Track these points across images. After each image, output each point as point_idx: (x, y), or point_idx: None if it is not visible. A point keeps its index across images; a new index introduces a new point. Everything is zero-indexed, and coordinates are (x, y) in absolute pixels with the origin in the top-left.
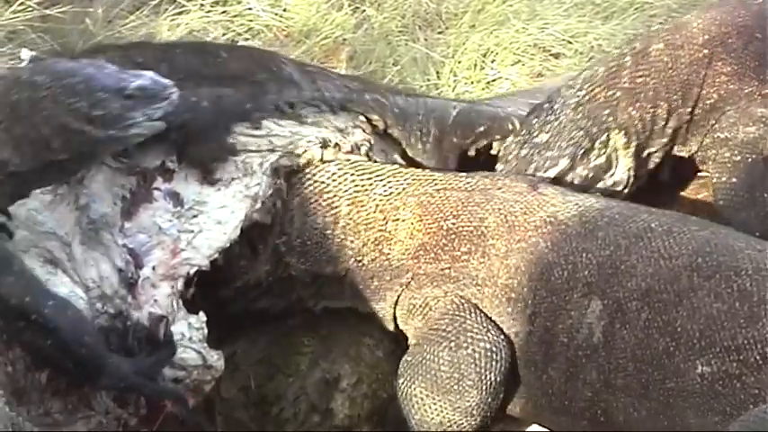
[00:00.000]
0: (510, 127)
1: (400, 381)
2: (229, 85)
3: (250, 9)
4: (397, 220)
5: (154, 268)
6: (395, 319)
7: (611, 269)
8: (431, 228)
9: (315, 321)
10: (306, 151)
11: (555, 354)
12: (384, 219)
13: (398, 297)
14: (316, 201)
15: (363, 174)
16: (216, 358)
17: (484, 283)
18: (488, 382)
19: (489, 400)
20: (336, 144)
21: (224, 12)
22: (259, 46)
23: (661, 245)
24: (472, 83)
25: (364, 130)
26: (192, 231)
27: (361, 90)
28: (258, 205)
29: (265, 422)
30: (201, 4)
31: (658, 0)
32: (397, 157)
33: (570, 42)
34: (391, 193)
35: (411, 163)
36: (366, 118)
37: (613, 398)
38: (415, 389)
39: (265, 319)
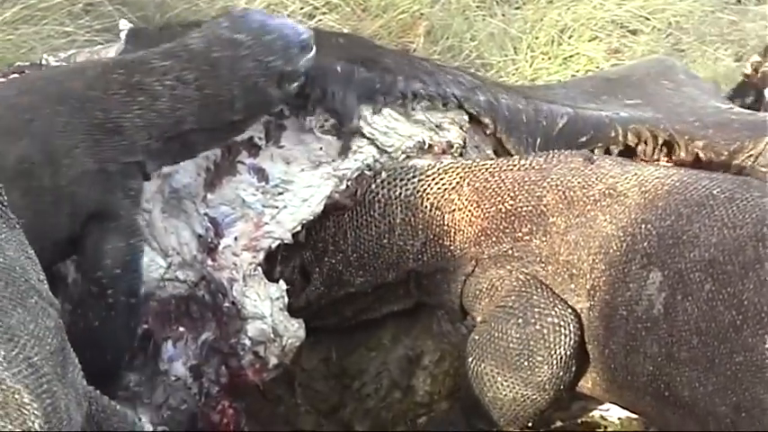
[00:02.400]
0: (613, 134)
1: (469, 360)
2: (359, 64)
3: None
4: (454, 211)
5: (236, 239)
6: (462, 308)
7: (671, 239)
8: (489, 212)
9: None
10: (406, 157)
11: (615, 327)
12: (441, 214)
13: (463, 286)
14: (367, 212)
15: (414, 176)
16: (296, 327)
17: (547, 260)
18: (559, 357)
19: (561, 373)
20: (430, 146)
21: None
22: (336, 20)
23: (724, 213)
24: (549, 58)
25: (461, 127)
26: (277, 207)
27: (474, 87)
28: (343, 186)
29: (345, 395)
30: None
31: None
32: (489, 152)
33: (648, 19)
34: (446, 189)
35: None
36: (475, 118)
37: (677, 371)
38: (485, 367)
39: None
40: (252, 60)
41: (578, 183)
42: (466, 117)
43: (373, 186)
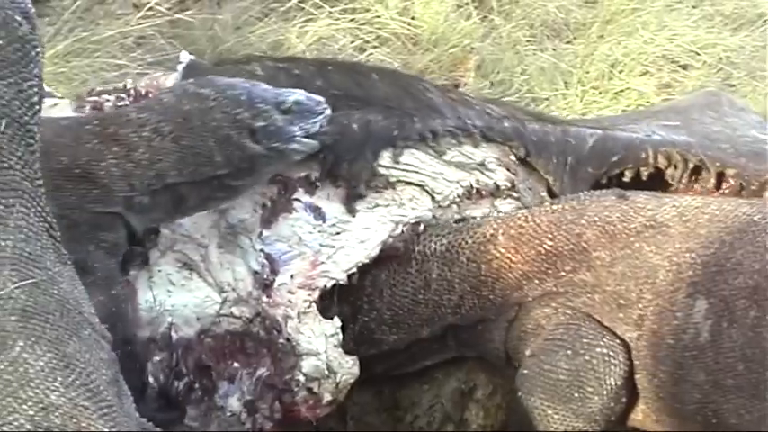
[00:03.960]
0: (643, 156)
1: (519, 394)
2: (378, 111)
3: (379, 17)
4: (491, 260)
5: (292, 276)
6: (507, 354)
7: (715, 267)
8: (529, 255)
9: None
10: (451, 204)
11: (663, 356)
12: (477, 266)
13: (507, 332)
14: (404, 269)
15: (449, 232)
16: (351, 364)
17: (593, 290)
18: (608, 387)
19: (611, 404)
20: (477, 190)
21: (352, 19)
22: (388, 54)
23: (766, 239)
24: (600, 93)
25: (508, 169)
26: (334, 247)
27: (501, 117)
28: (398, 231)
29: (398, 428)
30: (330, 12)
31: None
32: (544, 194)
33: (698, 54)
34: (480, 242)
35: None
36: (508, 147)
37: (723, 399)
38: (535, 401)
39: None
40: (219, 112)
41: (617, 217)
42: (513, 157)
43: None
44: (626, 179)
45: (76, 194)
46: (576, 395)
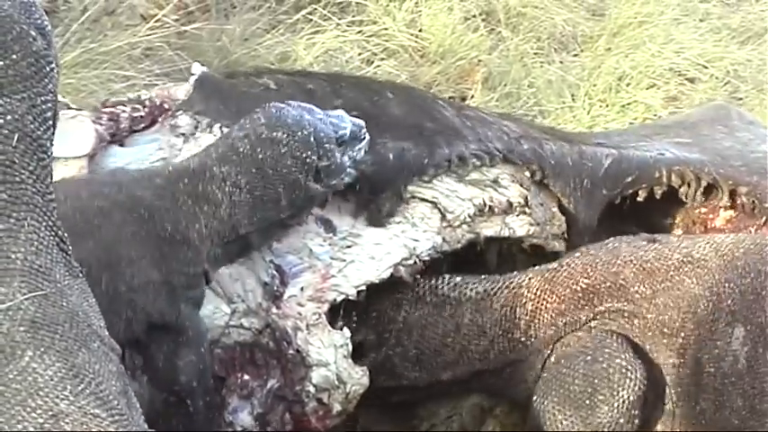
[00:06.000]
0: (657, 175)
1: (534, 398)
2: (407, 136)
3: (386, 29)
4: (525, 303)
5: (302, 289)
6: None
7: (752, 295)
8: (564, 294)
9: None
10: (462, 224)
11: (704, 384)
12: (512, 309)
13: (542, 370)
14: (437, 312)
15: (486, 281)
16: (360, 375)
17: (632, 316)
18: (621, 399)
19: (621, 420)
20: (490, 207)
21: (360, 31)
22: (395, 66)
23: None
24: (607, 106)
25: (522, 185)
26: (345, 261)
27: (519, 137)
28: (411, 261)
29: None
30: (338, 24)
31: None
32: (555, 210)
33: (706, 67)
34: (515, 287)
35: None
36: (525, 168)
37: (759, 424)
38: (547, 404)
39: None
40: (290, 157)
41: (653, 256)
42: (527, 173)
43: (445, 289)
44: (640, 198)
45: (176, 260)
46: (588, 402)
